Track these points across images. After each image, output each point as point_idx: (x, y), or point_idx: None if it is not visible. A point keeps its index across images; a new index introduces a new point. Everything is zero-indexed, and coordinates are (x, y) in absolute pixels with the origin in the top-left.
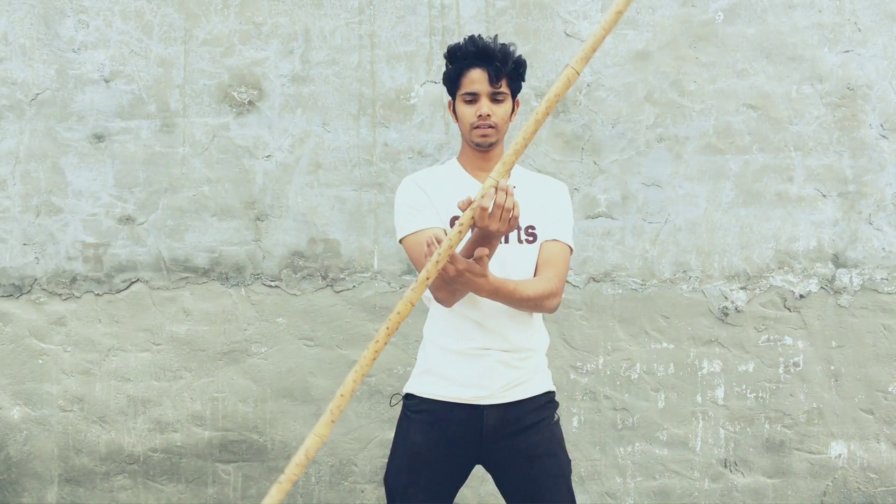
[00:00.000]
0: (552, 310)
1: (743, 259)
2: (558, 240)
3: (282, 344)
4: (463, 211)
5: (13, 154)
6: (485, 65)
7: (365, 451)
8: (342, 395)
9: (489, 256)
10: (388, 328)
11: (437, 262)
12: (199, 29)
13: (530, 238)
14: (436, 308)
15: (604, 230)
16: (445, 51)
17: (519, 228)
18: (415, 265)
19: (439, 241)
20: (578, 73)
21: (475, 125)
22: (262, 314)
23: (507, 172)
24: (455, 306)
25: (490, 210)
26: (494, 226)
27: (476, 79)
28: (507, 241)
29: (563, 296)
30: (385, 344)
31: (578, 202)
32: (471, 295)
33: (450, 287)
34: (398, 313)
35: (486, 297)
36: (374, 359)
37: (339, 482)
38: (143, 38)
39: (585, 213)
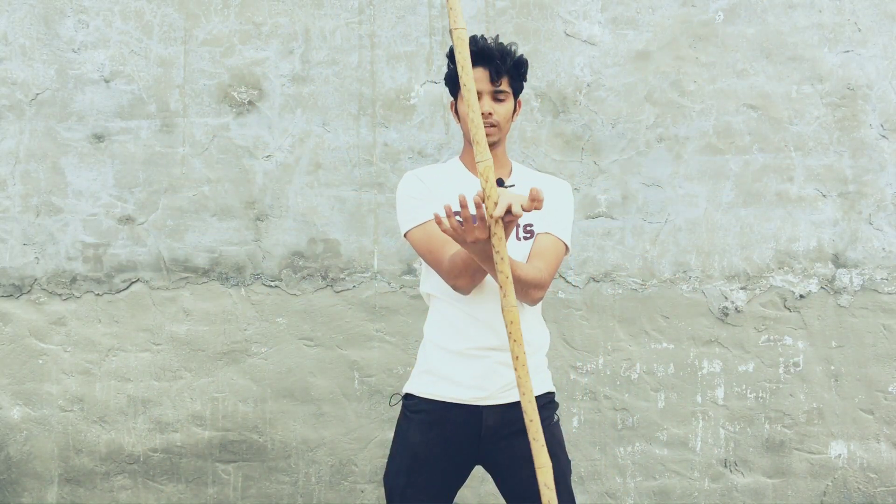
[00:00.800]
0: (535, 301)
1: (743, 259)
2: (551, 233)
3: (282, 344)
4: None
5: (13, 154)
6: (486, 64)
7: (365, 451)
8: (531, 421)
9: (508, 233)
10: (515, 340)
11: (503, 258)
12: (199, 29)
13: (528, 235)
14: (436, 308)
15: (604, 230)
16: (447, 51)
17: (518, 226)
18: (423, 257)
19: (463, 207)
20: (465, 29)
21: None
22: (262, 314)
23: (487, 147)
24: (456, 305)
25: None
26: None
27: (477, 78)
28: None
29: (563, 296)
30: (523, 354)
31: (578, 202)
32: (473, 294)
33: (470, 273)
34: (511, 322)
35: (488, 263)
36: (527, 371)
37: (339, 482)
38: (143, 38)
39: (585, 213)
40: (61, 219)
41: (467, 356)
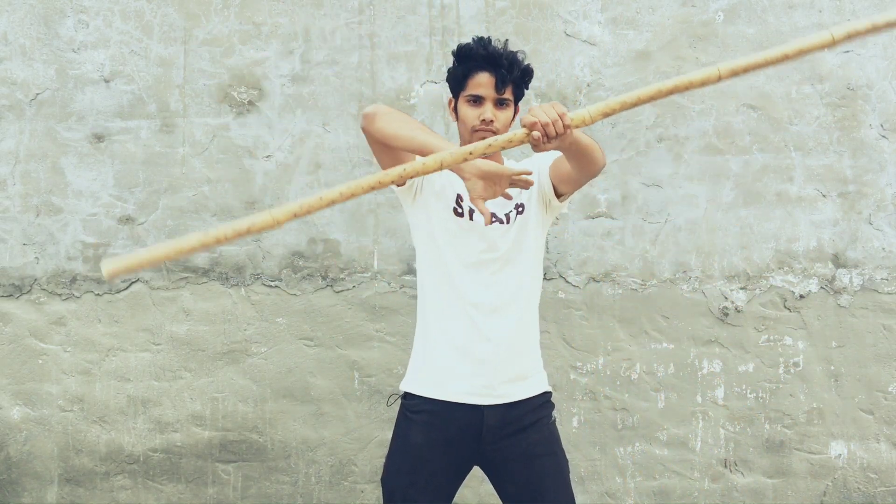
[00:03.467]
0: (604, 162)
1: (743, 259)
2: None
3: (282, 344)
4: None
5: (13, 154)
6: (493, 70)
7: (365, 451)
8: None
9: None
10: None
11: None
12: (199, 29)
13: (519, 211)
14: (434, 306)
15: (604, 230)
16: (455, 49)
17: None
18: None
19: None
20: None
21: (476, 128)
22: (262, 314)
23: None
24: (454, 303)
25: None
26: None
27: (483, 83)
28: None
29: (563, 296)
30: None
31: (578, 202)
32: (470, 292)
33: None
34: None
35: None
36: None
37: (339, 482)
38: (143, 38)
39: (585, 213)
40: (61, 219)
41: (466, 354)
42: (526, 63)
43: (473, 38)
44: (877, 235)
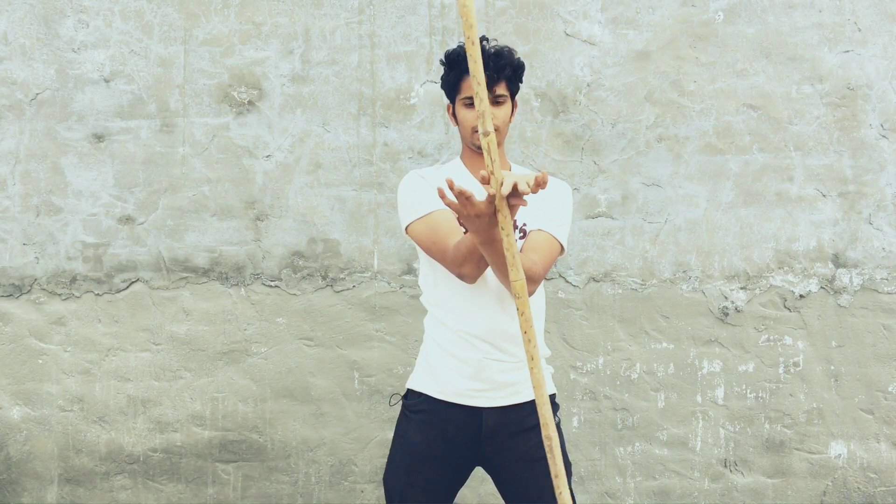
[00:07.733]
0: (528, 294)
1: (743, 259)
2: (544, 230)
3: (282, 344)
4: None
5: (13, 154)
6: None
7: (365, 451)
8: (545, 425)
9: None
10: (523, 314)
11: (508, 234)
12: (199, 29)
13: (521, 235)
14: (436, 309)
15: (604, 230)
16: (443, 56)
17: (515, 226)
18: (426, 249)
19: (451, 187)
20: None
21: (476, 128)
22: (262, 314)
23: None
24: (453, 321)
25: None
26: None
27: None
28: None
29: (563, 296)
30: (532, 329)
31: (578, 202)
32: (469, 308)
33: (476, 259)
34: (519, 297)
35: (489, 249)
36: (538, 363)
37: (339, 482)
38: (143, 38)
39: (585, 213)
40: (61, 219)
41: (468, 357)
42: (516, 58)
43: (460, 42)
44: (877, 235)
